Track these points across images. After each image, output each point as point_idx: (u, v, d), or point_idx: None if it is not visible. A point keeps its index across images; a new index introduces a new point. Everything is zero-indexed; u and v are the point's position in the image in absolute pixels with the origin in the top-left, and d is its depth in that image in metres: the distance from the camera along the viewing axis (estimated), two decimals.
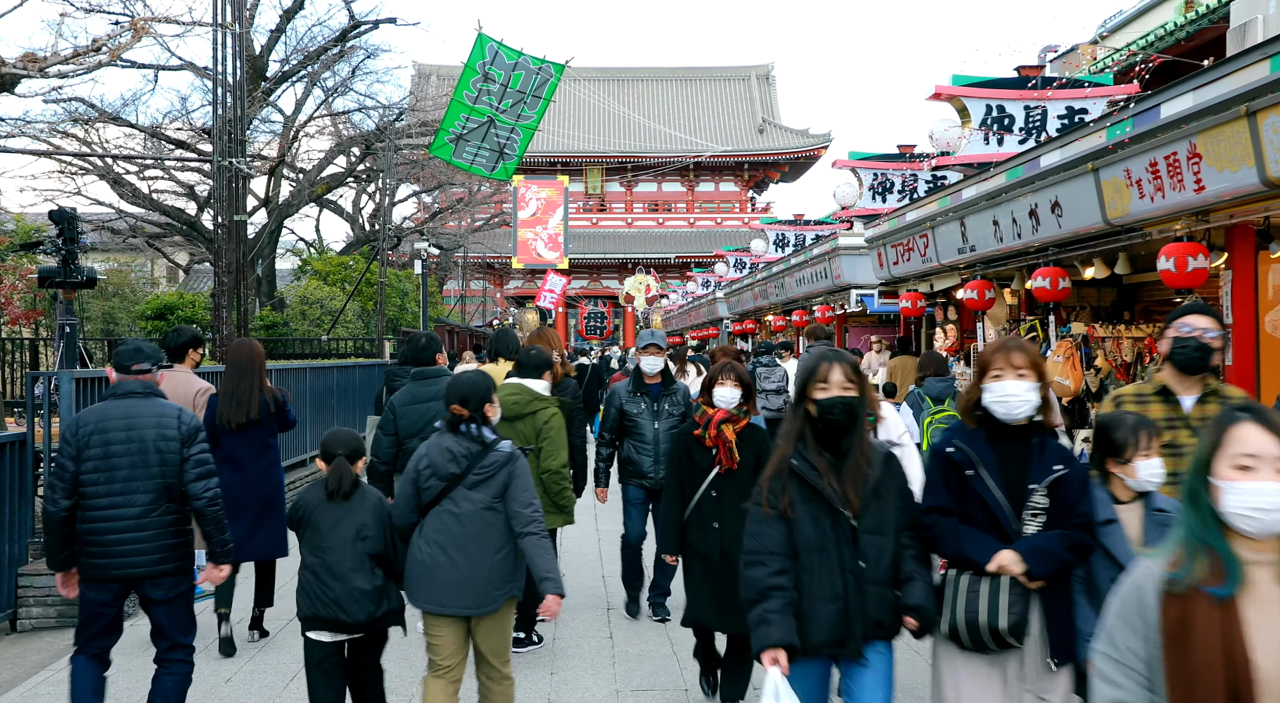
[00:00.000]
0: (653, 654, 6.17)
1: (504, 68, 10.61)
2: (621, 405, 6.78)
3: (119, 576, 4.48)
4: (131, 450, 4.48)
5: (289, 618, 6.39)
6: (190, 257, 33.21)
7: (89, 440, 4.46)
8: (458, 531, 4.20)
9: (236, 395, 6.23)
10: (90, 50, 9.13)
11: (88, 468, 4.45)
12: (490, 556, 4.21)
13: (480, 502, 4.21)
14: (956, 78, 10.86)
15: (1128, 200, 7.12)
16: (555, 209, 34.10)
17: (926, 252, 11.36)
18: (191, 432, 4.59)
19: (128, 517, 4.45)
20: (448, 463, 4.24)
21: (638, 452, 6.70)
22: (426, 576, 4.20)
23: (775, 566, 3.33)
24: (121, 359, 4.66)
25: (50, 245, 10.86)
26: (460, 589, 4.18)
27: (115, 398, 4.59)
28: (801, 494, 3.40)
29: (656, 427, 6.67)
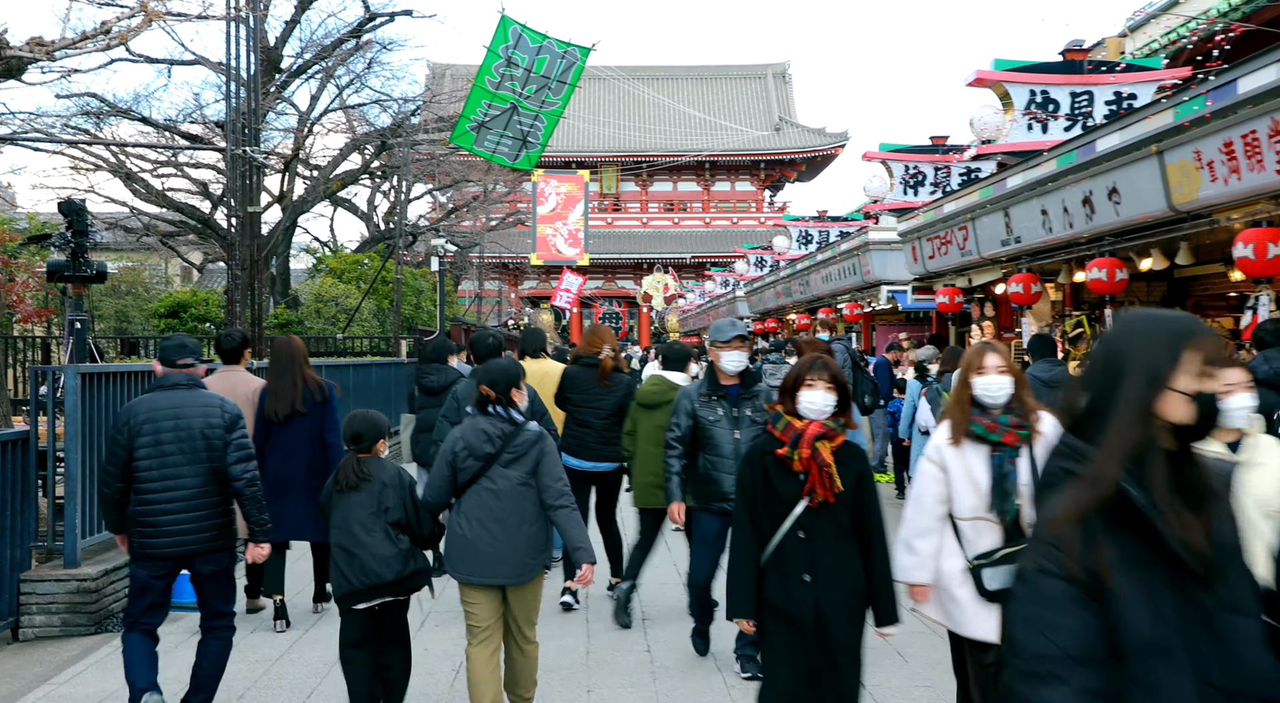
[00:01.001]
0: (696, 669, 5.75)
1: (528, 52, 10.19)
2: (694, 411, 5.58)
3: (171, 554, 4.83)
4: (180, 438, 4.84)
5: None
6: (204, 255, 32.94)
7: (140, 429, 4.82)
8: (495, 506, 4.53)
9: (279, 390, 6.73)
10: (100, 33, 8.76)
11: (140, 454, 4.81)
12: (526, 527, 4.57)
13: (515, 478, 4.56)
14: (998, 62, 10.43)
15: (1196, 184, 6.68)
16: (575, 204, 33.66)
17: (966, 245, 10.92)
18: (233, 419, 4.97)
19: (179, 499, 4.82)
20: (484, 443, 4.57)
21: (714, 468, 5.52)
22: (469, 549, 4.52)
23: (1084, 681, 1.85)
24: (167, 354, 5.03)
25: (59, 239, 10.52)
26: (500, 561, 4.52)
27: (162, 389, 4.95)
28: (1129, 553, 1.90)
29: (737, 437, 5.48)
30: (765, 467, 3.90)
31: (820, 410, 3.90)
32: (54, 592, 6.69)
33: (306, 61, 20.87)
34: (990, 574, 3.88)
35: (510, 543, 4.51)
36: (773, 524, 3.86)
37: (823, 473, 3.80)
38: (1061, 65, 10.46)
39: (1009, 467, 3.93)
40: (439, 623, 6.68)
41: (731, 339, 5.55)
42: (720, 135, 53.32)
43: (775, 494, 3.87)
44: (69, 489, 6.80)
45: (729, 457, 5.45)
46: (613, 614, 6.78)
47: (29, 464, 6.84)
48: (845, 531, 3.81)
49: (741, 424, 5.52)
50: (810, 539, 3.82)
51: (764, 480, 3.90)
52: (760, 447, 3.98)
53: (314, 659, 6.08)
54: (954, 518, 4.05)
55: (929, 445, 4.19)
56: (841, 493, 3.81)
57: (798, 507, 3.82)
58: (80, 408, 6.82)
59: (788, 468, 3.85)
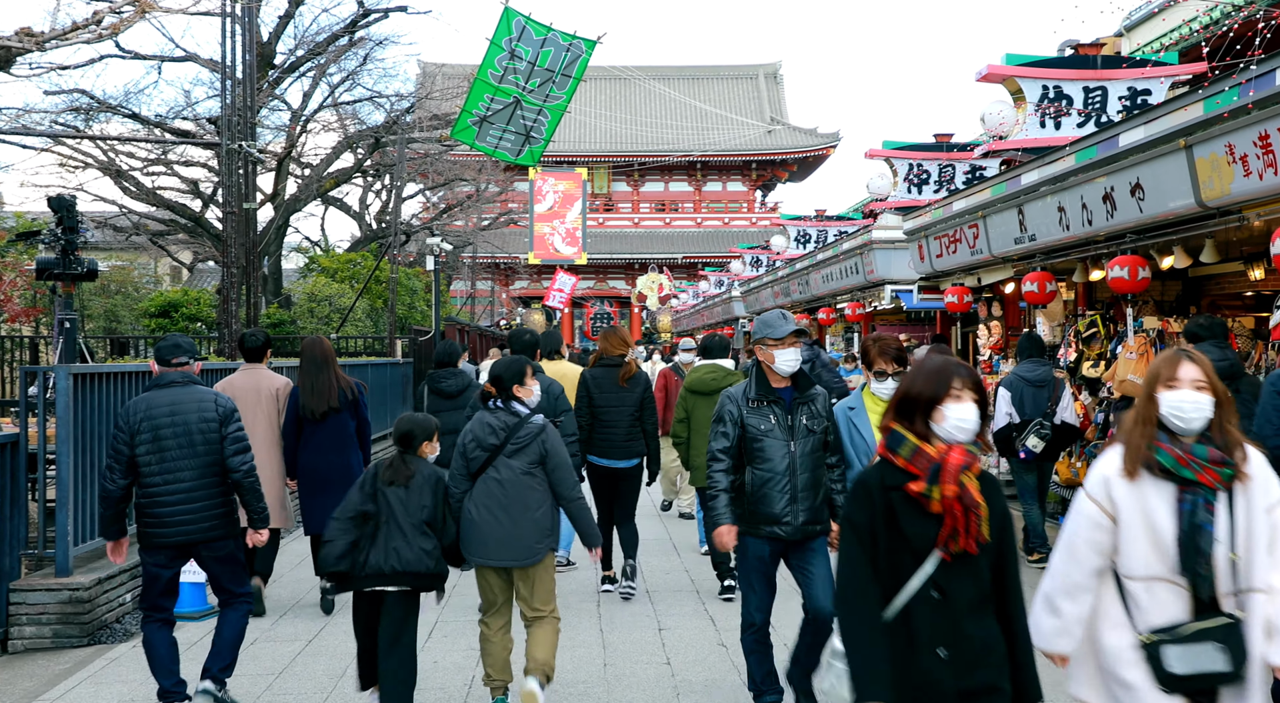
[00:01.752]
0: (721, 684, 5.53)
1: (532, 44, 9.94)
2: (741, 419, 4.80)
3: (174, 542, 5.09)
4: (177, 433, 5.09)
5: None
6: (194, 255, 32.62)
7: (139, 426, 5.06)
8: (500, 494, 4.90)
9: (316, 388, 7.01)
10: (91, 22, 8.50)
11: (140, 450, 5.05)
12: (530, 513, 4.90)
13: (519, 468, 4.92)
14: (1010, 57, 10.24)
15: (1228, 179, 6.47)
16: (573, 202, 33.38)
17: (976, 243, 10.71)
18: (228, 413, 5.20)
19: (179, 491, 5.07)
20: (488, 435, 4.97)
21: (766, 485, 4.72)
22: (477, 533, 4.89)
23: None
24: (163, 353, 5.28)
25: (49, 236, 10.25)
26: (505, 544, 4.88)
27: (159, 387, 5.18)
28: None
29: (792, 449, 4.71)
30: (889, 506, 3.00)
31: (970, 431, 3.03)
32: (45, 602, 6.44)
33: (299, 58, 20.59)
34: (1177, 654, 3.07)
35: (515, 528, 4.87)
36: (895, 581, 2.98)
37: (969, 516, 2.93)
38: (1074, 60, 10.27)
39: (1204, 514, 3.07)
40: (447, 633, 6.46)
41: (787, 335, 4.76)
42: (712, 135, 53.17)
43: (901, 542, 2.98)
44: (61, 494, 6.54)
45: (782, 473, 4.70)
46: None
47: (19, 468, 6.59)
48: (988, 589, 3.00)
49: (797, 434, 4.75)
50: (947, 601, 2.94)
51: (886, 524, 3.00)
52: (879, 479, 3.04)
53: (319, 672, 5.85)
54: (1120, 576, 3.20)
55: (1090, 478, 3.27)
56: (986, 542, 2.97)
57: (930, 559, 2.96)
58: (72, 409, 6.57)
59: (921, 509, 2.96)
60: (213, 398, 5.22)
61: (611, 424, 7.49)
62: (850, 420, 4.96)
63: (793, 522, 4.69)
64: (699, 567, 8.38)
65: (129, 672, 5.87)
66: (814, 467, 4.75)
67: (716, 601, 7.26)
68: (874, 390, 4.96)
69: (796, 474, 4.71)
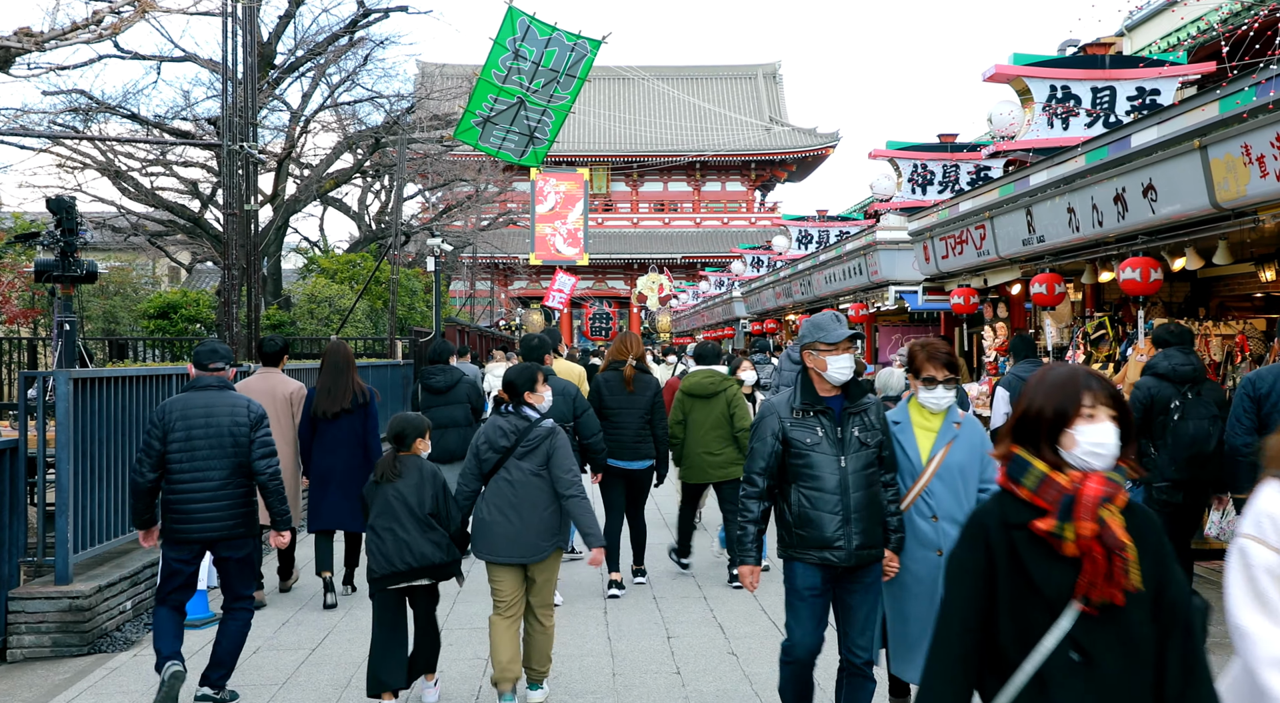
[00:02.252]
0: (732, 694, 5.43)
1: (536, 44, 9.83)
2: (785, 432, 4.29)
3: (198, 538, 5.29)
4: (210, 434, 5.30)
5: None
6: (193, 255, 32.50)
7: (173, 425, 5.28)
8: (510, 494, 5.10)
9: (333, 390, 7.40)
10: (91, 22, 8.40)
11: (172, 448, 5.26)
12: (539, 512, 5.11)
13: (528, 469, 5.12)
14: (1017, 57, 10.15)
15: (1244, 180, 6.38)
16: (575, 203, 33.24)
17: (983, 244, 10.63)
18: (258, 419, 5.42)
19: (206, 488, 5.27)
20: (500, 438, 5.17)
21: (814, 505, 4.21)
22: (488, 532, 5.11)
23: None
24: (201, 358, 5.55)
25: (48, 237, 10.15)
26: (514, 542, 5.08)
27: (195, 390, 5.43)
28: None
29: (844, 465, 4.21)
30: (1012, 548, 2.45)
31: (1109, 457, 2.45)
32: (44, 610, 6.35)
33: (299, 58, 20.48)
34: None
35: (524, 526, 5.09)
36: (1025, 640, 2.40)
37: (1113, 560, 2.35)
38: (1082, 60, 10.19)
39: None
40: (451, 642, 6.35)
41: (841, 340, 4.26)
42: (711, 135, 53.09)
43: (1029, 592, 2.42)
44: (60, 500, 6.44)
45: (832, 491, 4.19)
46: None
47: (18, 474, 6.49)
48: (1147, 653, 2.40)
49: (848, 448, 4.25)
50: (1091, 665, 2.36)
51: (1010, 569, 2.44)
52: (999, 516, 2.50)
53: (322, 682, 5.76)
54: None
55: (1252, 522, 2.55)
56: (1138, 592, 2.38)
57: (1067, 612, 2.38)
58: (72, 414, 6.47)
59: (1052, 551, 2.40)
60: (245, 403, 5.45)
61: (620, 426, 7.69)
62: (895, 437, 4.47)
63: (846, 546, 4.17)
64: (706, 574, 8.30)
65: (130, 682, 5.78)
66: (868, 484, 4.24)
67: (725, 608, 7.18)
68: (922, 401, 4.50)
69: (849, 493, 4.19)
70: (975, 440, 4.52)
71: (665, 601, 7.40)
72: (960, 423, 4.53)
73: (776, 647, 6.15)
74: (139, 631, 6.81)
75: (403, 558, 5.01)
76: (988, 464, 4.44)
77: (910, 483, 4.45)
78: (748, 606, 7.20)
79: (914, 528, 4.41)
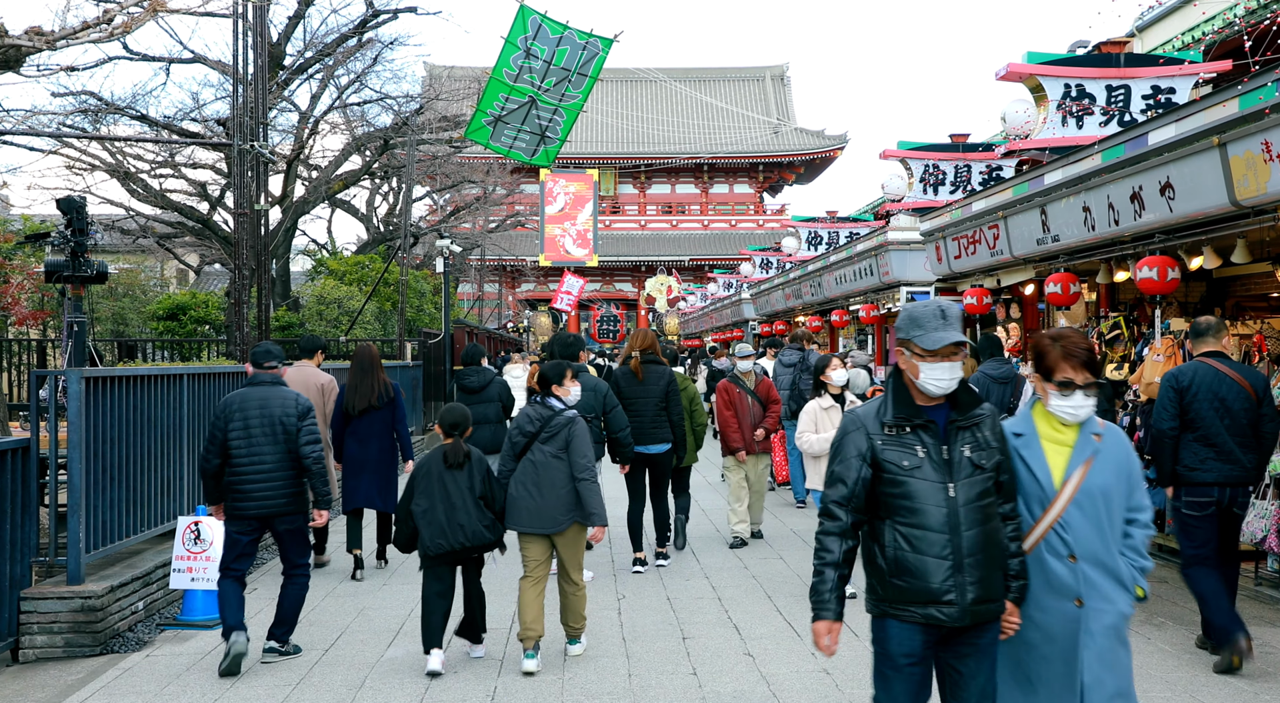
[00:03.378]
0: (749, 695, 5.37)
1: (548, 43, 9.79)
2: (875, 453, 3.41)
3: (255, 514, 5.98)
4: (264, 424, 6.01)
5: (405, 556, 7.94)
6: (201, 257, 32.53)
7: (233, 416, 6.00)
8: (534, 473, 5.85)
9: (361, 387, 8.31)
10: (102, 21, 8.38)
11: (233, 436, 5.97)
12: (557, 491, 5.82)
13: (549, 452, 5.86)
14: (1031, 55, 10.09)
15: (1265, 177, 6.32)
16: (584, 204, 33.18)
17: (996, 244, 10.57)
18: (304, 411, 6.13)
19: (261, 471, 5.97)
20: (527, 424, 5.97)
21: (915, 547, 3.34)
22: (515, 506, 5.87)
23: None
24: (257, 358, 6.33)
25: (58, 237, 10.14)
26: (537, 515, 5.83)
27: (252, 385, 6.17)
28: None
29: (952, 495, 3.32)
30: None
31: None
32: (56, 610, 6.32)
33: (308, 59, 20.49)
34: None
35: (544, 502, 5.80)
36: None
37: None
38: (1097, 58, 10.12)
39: None
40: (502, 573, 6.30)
41: (941, 347, 3.34)
42: (719, 137, 53.07)
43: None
44: (72, 501, 6.42)
45: (938, 528, 3.30)
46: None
47: (29, 475, 6.46)
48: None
49: (957, 472, 3.34)
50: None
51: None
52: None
53: (336, 683, 5.72)
54: None
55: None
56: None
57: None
58: (84, 413, 6.45)
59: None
60: (294, 397, 6.16)
61: (638, 413, 8.33)
62: (1017, 453, 3.52)
63: (958, 600, 3.28)
64: (719, 573, 8.25)
65: (142, 682, 5.74)
66: (984, 518, 3.33)
67: (740, 609, 7.12)
68: (1054, 410, 3.50)
69: (960, 530, 3.29)
70: (1121, 456, 3.51)
71: (679, 601, 7.35)
72: (1101, 434, 3.53)
73: (792, 647, 6.13)
74: (151, 631, 6.78)
75: (457, 537, 5.71)
76: (1136, 486, 3.54)
77: (1039, 513, 3.47)
78: (763, 607, 7.15)
79: (1045, 570, 3.44)
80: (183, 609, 7.01)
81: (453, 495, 5.75)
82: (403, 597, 7.61)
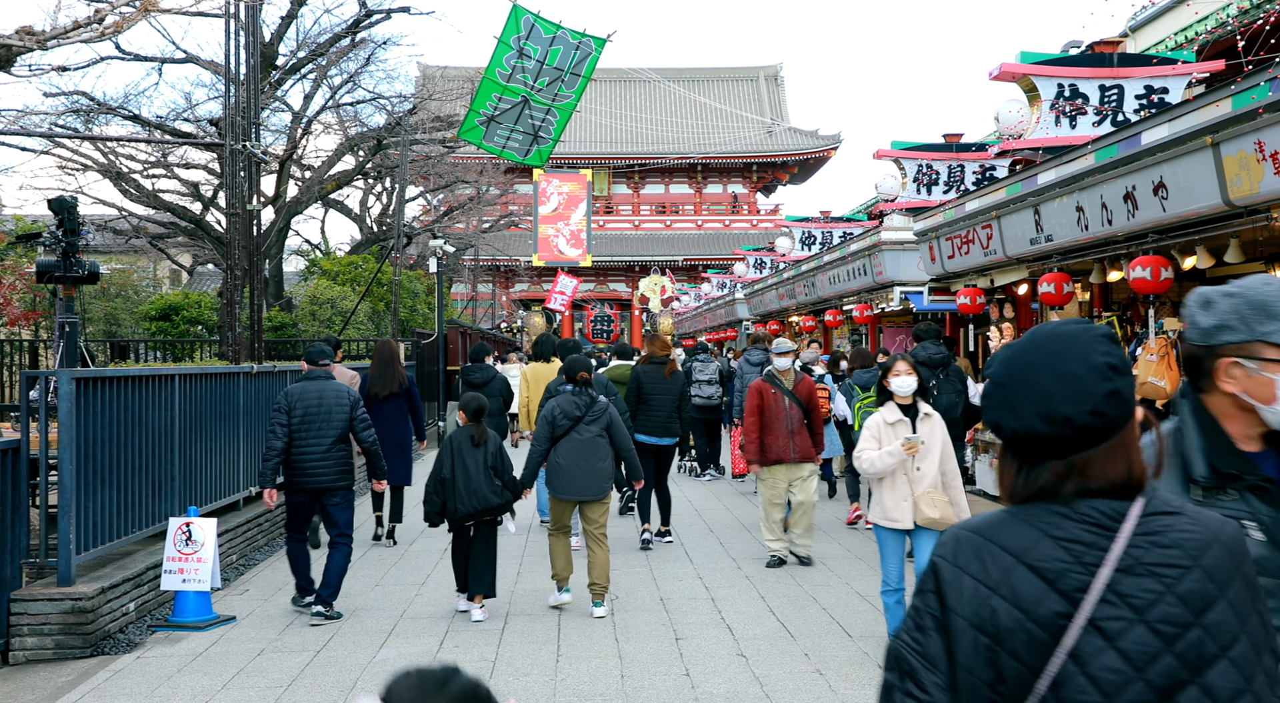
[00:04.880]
0: (742, 696, 5.35)
1: (540, 43, 9.76)
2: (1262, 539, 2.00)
3: (311, 487, 7.12)
4: (320, 413, 7.10)
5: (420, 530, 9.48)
6: (194, 258, 32.44)
7: (294, 406, 7.08)
8: (581, 449, 7.05)
9: (383, 377, 9.68)
10: (94, 20, 8.34)
11: (295, 423, 7.04)
12: (600, 464, 7.09)
13: (594, 432, 7.10)
14: (1025, 55, 10.10)
15: (1258, 177, 6.32)
16: (578, 204, 33.11)
17: (989, 244, 10.56)
18: (355, 401, 7.31)
19: (317, 452, 7.08)
20: (573, 409, 7.15)
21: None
22: (565, 476, 7.05)
23: None
24: (312, 357, 7.43)
25: (50, 238, 10.09)
26: (588, 483, 7.06)
27: (308, 380, 7.26)
28: None
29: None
30: None
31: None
32: (47, 612, 6.29)
33: (301, 59, 20.43)
34: None
35: (591, 473, 7.04)
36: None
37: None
38: (1090, 58, 10.13)
39: None
40: (531, 568, 6.28)
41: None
42: (713, 137, 53.03)
43: None
44: (63, 500, 6.38)
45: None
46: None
47: (20, 475, 6.43)
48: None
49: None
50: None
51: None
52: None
53: (328, 684, 5.70)
54: None
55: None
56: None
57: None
58: (75, 414, 6.41)
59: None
60: (345, 391, 7.30)
61: (656, 409, 9.66)
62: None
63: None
64: (712, 574, 8.24)
65: (133, 684, 5.71)
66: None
67: (733, 609, 7.11)
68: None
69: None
70: None
71: (672, 602, 7.34)
72: None
73: (785, 648, 6.12)
74: (142, 633, 6.75)
75: (473, 502, 6.77)
76: None
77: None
78: (756, 607, 7.14)
79: None
80: (174, 611, 6.99)
81: (470, 468, 6.80)
82: (394, 598, 7.60)
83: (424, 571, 8.52)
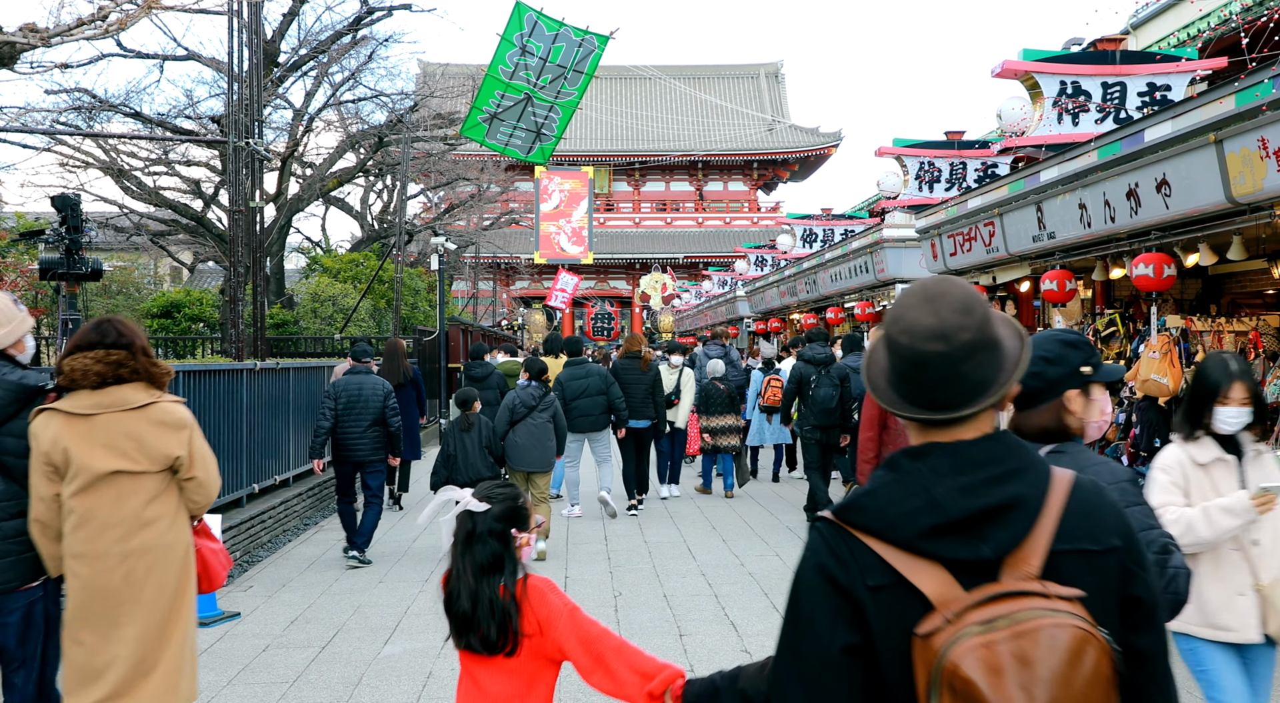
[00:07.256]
0: None
1: (543, 40, 9.76)
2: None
3: (353, 460, 8.88)
4: (360, 401, 8.80)
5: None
6: (195, 255, 32.43)
7: (340, 395, 8.78)
8: (536, 433, 8.91)
9: (392, 371, 11.34)
10: (97, 18, 8.35)
11: (341, 409, 8.75)
12: (546, 443, 8.96)
13: (543, 419, 8.97)
14: (1027, 52, 10.09)
15: (1261, 174, 6.33)
16: (579, 201, 33.08)
17: (992, 241, 10.57)
18: (388, 393, 8.99)
19: (357, 432, 8.79)
20: (530, 399, 8.99)
21: None
22: (521, 453, 8.86)
23: None
24: (356, 354, 9.17)
25: (52, 235, 10.10)
26: (539, 459, 8.90)
27: (352, 374, 8.96)
28: None
29: None
30: None
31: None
32: None
33: (303, 56, 20.42)
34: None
35: (540, 450, 8.90)
36: None
37: None
38: (1093, 55, 10.13)
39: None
40: None
41: None
42: (713, 135, 53.02)
43: None
44: None
45: None
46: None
47: None
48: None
49: None
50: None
51: None
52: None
53: (334, 680, 5.71)
54: None
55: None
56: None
57: None
58: None
59: None
60: (381, 383, 9.01)
61: (632, 395, 11.08)
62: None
63: None
64: (715, 570, 8.25)
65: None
66: None
67: (737, 606, 7.13)
68: None
69: None
70: None
71: (676, 599, 7.36)
72: None
73: None
74: None
75: (468, 474, 8.04)
76: None
77: None
78: (760, 604, 7.15)
79: None
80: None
81: (468, 447, 8.31)
82: (398, 595, 7.61)
83: (426, 568, 8.54)
